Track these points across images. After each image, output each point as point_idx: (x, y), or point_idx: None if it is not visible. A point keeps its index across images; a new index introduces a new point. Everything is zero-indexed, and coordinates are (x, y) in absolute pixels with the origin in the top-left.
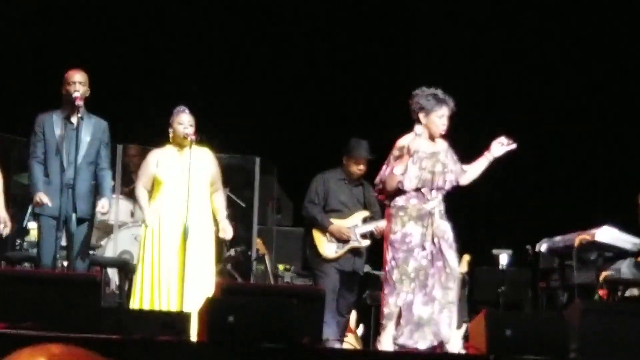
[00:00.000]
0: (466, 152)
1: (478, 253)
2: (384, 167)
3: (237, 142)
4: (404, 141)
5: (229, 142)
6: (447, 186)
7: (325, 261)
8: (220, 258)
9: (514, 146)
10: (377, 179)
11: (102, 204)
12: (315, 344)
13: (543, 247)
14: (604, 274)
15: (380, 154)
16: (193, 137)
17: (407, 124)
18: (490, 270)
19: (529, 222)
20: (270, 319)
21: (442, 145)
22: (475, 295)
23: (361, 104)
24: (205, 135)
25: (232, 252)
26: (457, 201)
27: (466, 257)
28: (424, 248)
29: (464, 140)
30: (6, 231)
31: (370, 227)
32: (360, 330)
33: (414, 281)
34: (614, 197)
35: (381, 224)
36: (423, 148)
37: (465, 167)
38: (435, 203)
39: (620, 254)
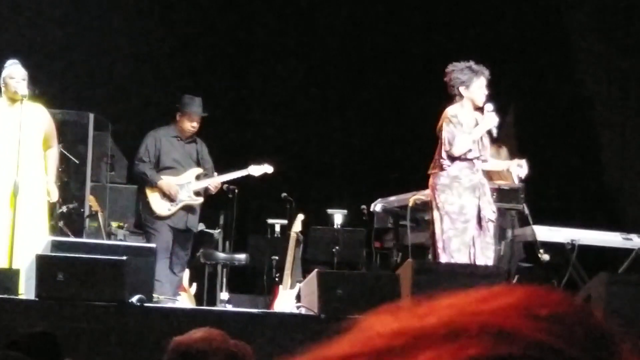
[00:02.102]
0: None
1: (313, 212)
2: (446, 135)
3: (71, 97)
4: (454, 110)
5: (62, 98)
6: (484, 164)
7: (158, 219)
8: (52, 215)
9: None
10: (442, 152)
11: None
12: (146, 302)
13: (377, 207)
14: None
15: (213, 111)
16: (25, 92)
17: (245, 78)
18: (325, 229)
19: (363, 182)
20: (100, 276)
21: (480, 117)
22: (310, 255)
23: (195, 60)
24: (38, 90)
25: (64, 208)
26: (290, 160)
27: (301, 217)
28: (478, 219)
29: None
30: None
31: (204, 184)
32: (193, 288)
33: (469, 250)
34: None
35: (215, 181)
36: (471, 119)
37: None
38: (482, 174)
39: None
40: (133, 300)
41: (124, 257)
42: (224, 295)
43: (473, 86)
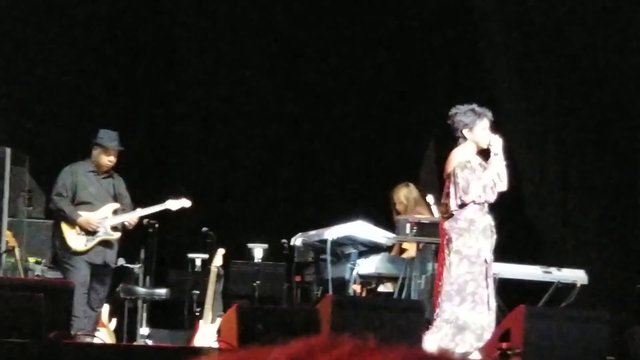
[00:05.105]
0: None
1: (233, 246)
2: (454, 183)
3: None
4: (466, 155)
5: None
6: (495, 198)
7: (74, 254)
8: None
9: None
10: (456, 198)
11: None
12: (64, 338)
13: (298, 241)
14: (357, 268)
15: (130, 145)
16: None
17: (162, 111)
18: (246, 264)
19: (284, 216)
20: (15, 313)
21: (482, 159)
22: (231, 289)
23: (112, 94)
24: None
25: None
26: (211, 194)
27: (221, 251)
28: (486, 260)
29: None
30: None
31: (122, 219)
32: (113, 323)
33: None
34: (367, 192)
35: (133, 215)
36: (477, 161)
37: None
38: (490, 215)
39: (374, 248)
40: (49, 336)
41: (41, 294)
42: (144, 330)
43: (476, 128)
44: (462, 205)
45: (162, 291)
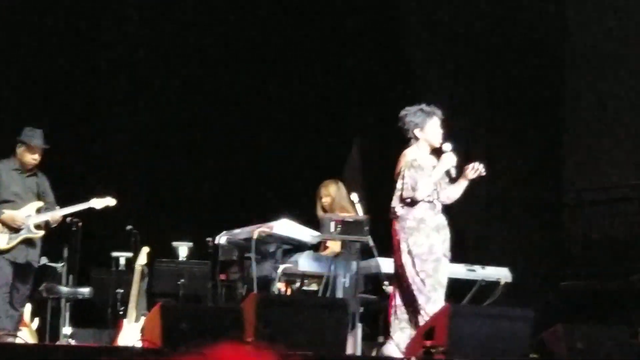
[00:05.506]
0: None
1: (157, 245)
2: (402, 181)
3: None
4: (413, 154)
5: None
6: (444, 198)
7: None
8: None
9: (483, 172)
10: (401, 197)
11: None
12: None
13: (222, 239)
14: (282, 266)
15: (54, 143)
16: None
17: (88, 109)
18: (170, 262)
19: (208, 215)
20: None
21: (436, 159)
22: (155, 288)
23: (36, 91)
24: None
25: None
26: (135, 193)
27: (145, 249)
28: (445, 257)
29: None
30: None
31: (45, 217)
32: (35, 323)
33: (444, 288)
34: (292, 189)
35: (56, 214)
36: (430, 161)
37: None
38: (443, 214)
39: (299, 246)
40: None
41: None
42: (67, 329)
43: (427, 127)
44: (413, 204)
45: (85, 290)
